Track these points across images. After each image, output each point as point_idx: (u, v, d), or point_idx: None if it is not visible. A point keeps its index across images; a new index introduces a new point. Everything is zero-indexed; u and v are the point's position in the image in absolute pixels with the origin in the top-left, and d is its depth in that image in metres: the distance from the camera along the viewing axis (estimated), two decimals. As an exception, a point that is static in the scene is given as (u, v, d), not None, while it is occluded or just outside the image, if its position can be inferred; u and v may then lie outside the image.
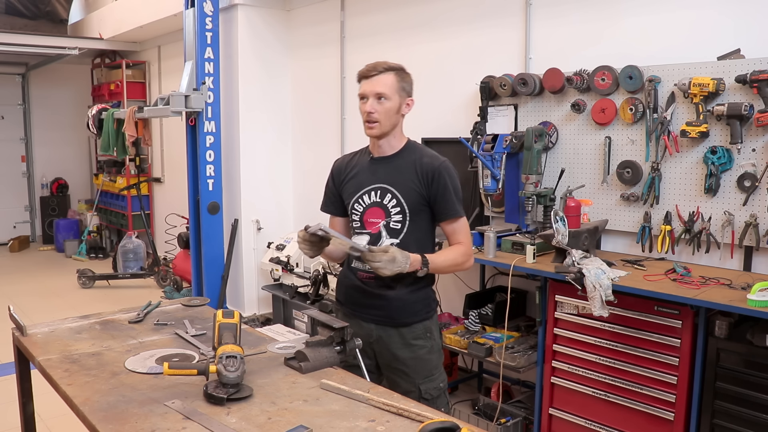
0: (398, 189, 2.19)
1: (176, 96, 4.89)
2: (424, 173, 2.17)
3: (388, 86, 2.14)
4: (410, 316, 2.22)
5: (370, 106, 2.13)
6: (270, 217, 5.62)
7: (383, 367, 2.28)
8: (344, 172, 2.32)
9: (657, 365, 2.70)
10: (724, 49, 2.90)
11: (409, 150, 2.24)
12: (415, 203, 2.18)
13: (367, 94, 2.15)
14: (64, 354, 2.02)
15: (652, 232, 3.20)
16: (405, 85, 2.19)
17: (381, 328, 2.23)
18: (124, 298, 6.23)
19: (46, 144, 9.31)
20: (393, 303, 2.20)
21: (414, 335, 2.22)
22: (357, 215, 2.26)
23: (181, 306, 2.58)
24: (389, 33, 4.67)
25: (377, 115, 2.14)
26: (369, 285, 2.23)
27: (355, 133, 5.04)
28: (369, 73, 2.15)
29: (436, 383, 2.25)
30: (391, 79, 2.15)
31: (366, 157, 2.30)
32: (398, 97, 2.16)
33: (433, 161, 2.19)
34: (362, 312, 2.26)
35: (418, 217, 2.19)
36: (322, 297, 4.63)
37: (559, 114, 3.55)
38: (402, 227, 2.19)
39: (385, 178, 2.21)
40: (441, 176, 2.16)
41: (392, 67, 2.17)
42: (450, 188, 2.17)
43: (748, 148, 2.86)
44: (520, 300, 3.71)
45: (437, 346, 2.28)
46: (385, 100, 2.13)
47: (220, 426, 1.53)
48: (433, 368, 2.25)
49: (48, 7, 8.67)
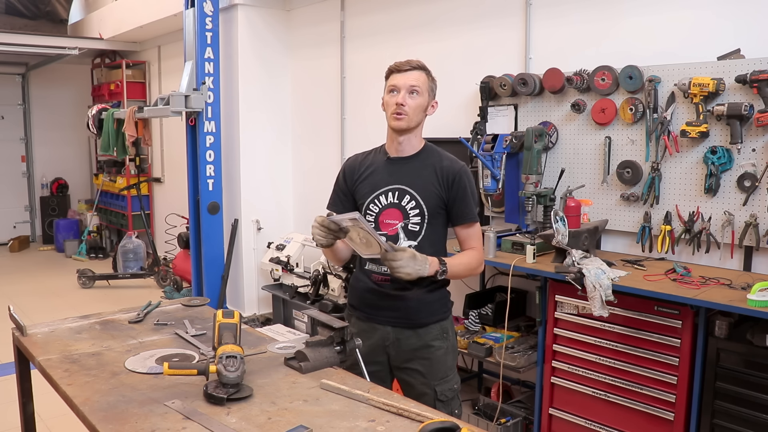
0: (418, 191, 2.17)
1: (176, 96, 4.89)
2: (445, 176, 2.16)
3: (421, 82, 2.15)
4: (428, 317, 2.20)
5: (402, 98, 2.12)
6: (270, 217, 5.62)
7: (397, 369, 2.24)
8: (358, 171, 2.27)
9: (657, 365, 2.70)
10: (724, 49, 2.90)
11: (427, 152, 2.23)
12: (434, 206, 2.17)
13: (400, 86, 2.14)
14: (64, 354, 2.02)
15: (652, 232, 3.20)
16: (433, 86, 2.21)
17: (398, 330, 2.20)
18: (124, 298, 6.23)
19: (46, 144, 9.31)
20: (410, 304, 2.18)
21: (431, 336, 2.20)
22: (372, 216, 2.22)
23: (181, 306, 2.58)
24: (389, 33, 4.67)
25: (407, 108, 2.13)
26: (384, 287, 2.20)
27: (355, 133, 5.04)
28: (402, 67, 2.16)
29: (450, 384, 2.22)
30: (423, 76, 2.17)
31: (382, 156, 2.26)
32: (427, 95, 2.18)
33: (454, 165, 2.19)
34: (378, 315, 2.23)
35: (436, 220, 2.18)
36: (322, 297, 4.63)
37: (559, 114, 3.55)
38: (420, 229, 2.17)
39: (404, 180, 2.19)
40: (461, 180, 2.16)
41: (424, 66, 2.19)
42: (469, 192, 2.18)
43: (748, 148, 2.86)
44: (520, 300, 3.71)
45: (453, 347, 2.27)
46: (417, 95, 2.14)
47: (220, 426, 1.53)
48: (448, 369, 2.23)
49: (48, 7, 8.66)
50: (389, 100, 2.16)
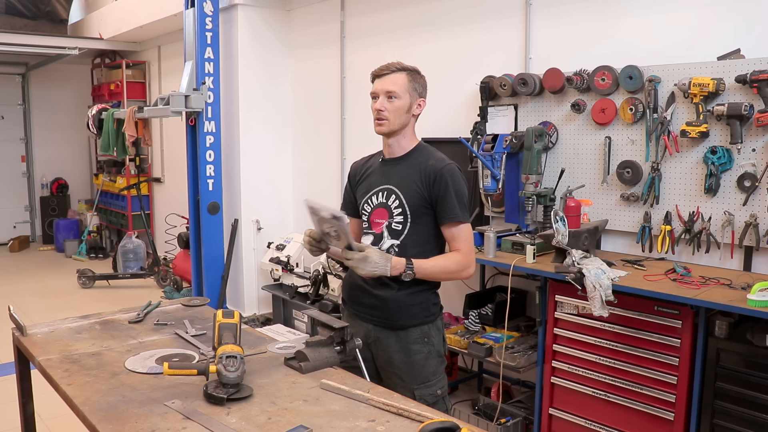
0: (402, 190, 2.19)
1: (176, 96, 4.89)
2: (426, 175, 2.16)
3: (399, 85, 2.15)
4: (407, 320, 2.18)
5: (379, 104, 2.16)
6: (270, 217, 5.62)
7: (380, 369, 2.25)
8: (359, 173, 2.36)
9: (657, 365, 2.70)
10: (724, 49, 2.90)
11: (418, 152, 2.24)
12: (416, 205, 2.16)
13: (378, 92, 2.17)
14: (64, 354, 2.02)
15: (652, 232, 3.20)
16: (417, 86, 2.20)
17: (379, 330, 2.21)
18: (124, 298, 6.23)
19: (46, 144, 9.31)
20: (389, 304, 2.18)
21: (411, 339, 2.18)
22: (365, 215, 2.27)
23: (181, 306, 2.58)
24: (389, 33, 4.67)
25: (386, 113, 2.15)
26: (369, 284, 2.21)
27: (355, 133, 5.04)
28: (381, 72, 2.18)
29: (432, 389, 2.19)
30: (402, 78, 2.17)
31: (378, 158, 2.32)
32: (409, 97, 2.17)
33: (438, 163, 2.17)
34: (361, 311, 2.26)
35: (420, 220, 2.17)
36: (322, 297, 4.63)
37: (559, 114, 3.55)
38: (403, 229, 2.18)
39: (392, 180, 2.22)
40: (443, 178, 2.14)
41: (405, 67, 2.19)
42: (451, 191, 2.13)
43: (748, 148, 2.86)
44: (520, 300, 3.71)
45: (436, 352, 2.22)
46: (395, 99, 2.15)
47: (220, 426, 1.53)
48: (430, 374, 2.20)
49: (48, 7, 8.67)
50: (372, 107, 2.20)
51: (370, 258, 2.02)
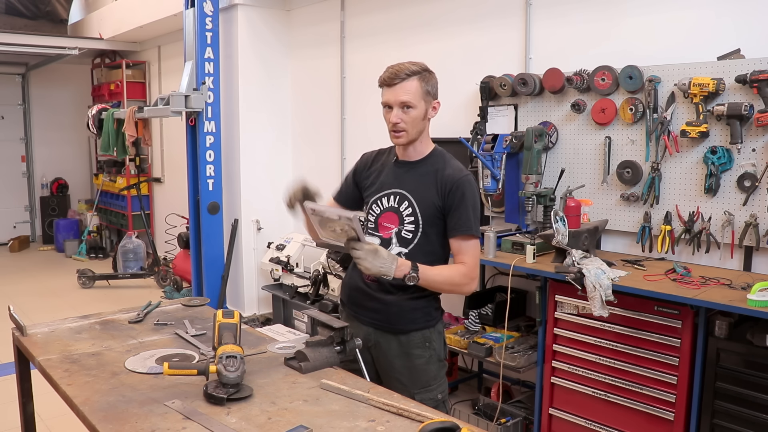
0: (416, 198, 2.12)
1: (176, 96, 4.89)
2: (443, 184, 2.08)
3: (412, 93, 2.04)
4: (408, 324, 2.15)
5: (395, 117, 2.05)
6: (270, 217, 5.61)
7: (380, 372, 2.22)
8: (369, 166, 2.27)
9: (657, 365, 2.70)
10: (724, 49, 2.90)
11: (434, 158, 2.16)
12: (430, 215, 2.10)
13: (391, 102, 2.06)
14: (64, 354, 2.02)
15: (652, 232, 3.20)
16: (429, 89, 2.08)
17: (379, 333, 2.18)
18: (124, 298, 6.23)
19: (46, 144, 9.31)
20: (391, 308, 2.15)
21: (412, 344, 2.16)
22: (373, 216, 2.20)
23: (181, 306, 2.58)
24: (389, 33, 4.67)
25: (403, 124, 2.05)
26: (370, 287, 2.18)
27: (355, 133, 5.04)
28: (392, 82, 2.05)
29: (433, 394, 2.17)
30: (414, 85, 2.04)
31: (392, 157, 2.23)
32: (424, 104, 2.07)
33: (456, 173, 2.09)
34: (362, 314, 2.22)
35: (432, 230, 2.12)
36: (322, 297, 4.63)
37: (559, 114, 3.55)
38: (413, 237, 2.13)
39: (405, 185, 2.14)
40: (459, 189, 2.07)
41: (415, 71, 2.05)
42: (467, 203, 2.07)
43: (748, 148, 2.86)
44: (520, 300, 3.71)
45: (437, 357, 2.20)
46: (411, 109, 2.04)
47: (220, 426, 1.53)
48: (431, 379, 2.18)
49: (48, 7, 8.66)
50: (385, 116, 2.11)
51: (380, 252, 1.94)
